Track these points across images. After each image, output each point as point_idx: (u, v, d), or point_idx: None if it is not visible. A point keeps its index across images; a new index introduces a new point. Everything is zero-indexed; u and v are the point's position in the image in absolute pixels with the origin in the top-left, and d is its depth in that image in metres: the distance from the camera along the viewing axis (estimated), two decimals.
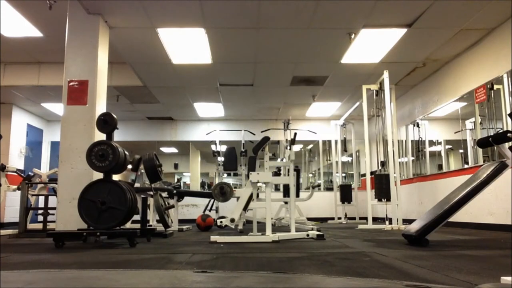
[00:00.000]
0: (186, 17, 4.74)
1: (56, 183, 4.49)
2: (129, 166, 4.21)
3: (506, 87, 4.83)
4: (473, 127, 5.78)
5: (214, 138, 8.62)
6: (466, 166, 5.94)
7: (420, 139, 7.22)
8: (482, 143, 3.42)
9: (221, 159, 7.68)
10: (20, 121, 8.46)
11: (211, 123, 9.71)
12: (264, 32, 5.15)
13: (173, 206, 5.69)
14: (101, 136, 4.02)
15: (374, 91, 6.36)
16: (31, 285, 1.19)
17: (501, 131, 3.39)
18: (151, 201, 5.61)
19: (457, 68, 6.00)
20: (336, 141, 8.87)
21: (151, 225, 5.47)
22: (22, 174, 6.23)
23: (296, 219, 6.13)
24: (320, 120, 9.74)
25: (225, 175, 11.28)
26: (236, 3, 4.41)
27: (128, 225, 4.83)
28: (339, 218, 8.40)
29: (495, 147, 3.67)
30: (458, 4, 4.49)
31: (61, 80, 4.46)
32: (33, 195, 5.96)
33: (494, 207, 4.92)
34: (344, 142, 8.74)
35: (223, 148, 8.17)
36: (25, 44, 5.61)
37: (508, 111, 4.74)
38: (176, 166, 12.57)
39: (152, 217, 5.89)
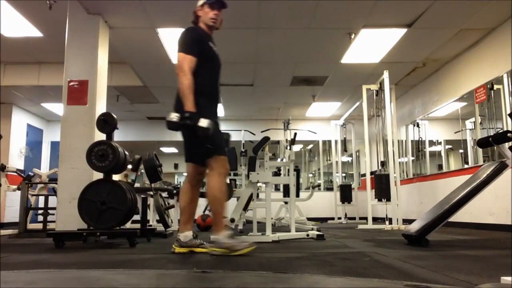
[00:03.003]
0: (186, 17, 4.73)
1: (56, 183, 4.49)
2: (129, 166, 4.21)
3: (506, 87, 4.83)
4: (473, 127, 5.78)
5: None
6: (466, 166, 5.94)
7: (420, 139, 7.22)
8: (482, 143, 3.41)
9: None
10: (20, 121, 8.46)
11: None
12: (264, 32, 5.15)
13: (173, 206, 5.69)
14: (101, 136, 4.01)
15: (374, 91, 6.36)
16: (31, 285, 1.19)
17: (501, 131, 3.39)
18: (151, 201, 5.60)
19: (457, 68, 6.00)
20: (336, 141, 8.86)
21: (151, 225, 5.46)
22: (22, 174, 6.22)
23: (296, 219, 6.12)
24: (320, 120, 9.74)
25: None
26: (236, 3, 4.41)
27: (128, 225, 4.83)
28: (339, 218, 8.40)
29: (495, 147, 3.67)
30: (458, 4, 4.49)
31: (61, 80, 4.46)
32: (33, 195, 5.95)
33: (494, 207, 4.92)
34: (344, 142, 8.73)
35: None
36: (25, 44, 5.61)
37: (508, 111, 4.74)
38: (176, 166, 12.56)
39: (152, 217, 5.88)
